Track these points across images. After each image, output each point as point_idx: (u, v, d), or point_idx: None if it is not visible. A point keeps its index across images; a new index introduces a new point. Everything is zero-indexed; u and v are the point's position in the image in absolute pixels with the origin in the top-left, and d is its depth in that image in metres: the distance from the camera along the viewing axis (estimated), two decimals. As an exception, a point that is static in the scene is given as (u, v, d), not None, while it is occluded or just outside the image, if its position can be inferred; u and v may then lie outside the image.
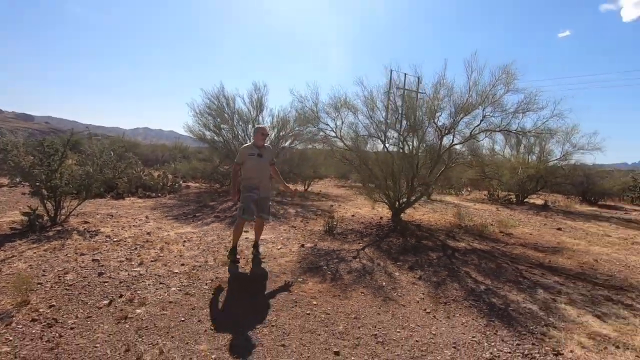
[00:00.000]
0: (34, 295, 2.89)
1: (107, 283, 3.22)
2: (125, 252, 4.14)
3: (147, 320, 2.62)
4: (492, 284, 3.88)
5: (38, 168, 5.17)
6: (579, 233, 7.14)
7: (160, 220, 6.14)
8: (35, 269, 3.44)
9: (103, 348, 2.23)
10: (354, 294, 3.40)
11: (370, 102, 6.83)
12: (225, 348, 2.33)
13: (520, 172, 10.48)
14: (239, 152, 4.23)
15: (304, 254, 4.57)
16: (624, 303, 3.53)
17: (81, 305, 2.78)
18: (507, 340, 2.67)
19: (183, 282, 3.38)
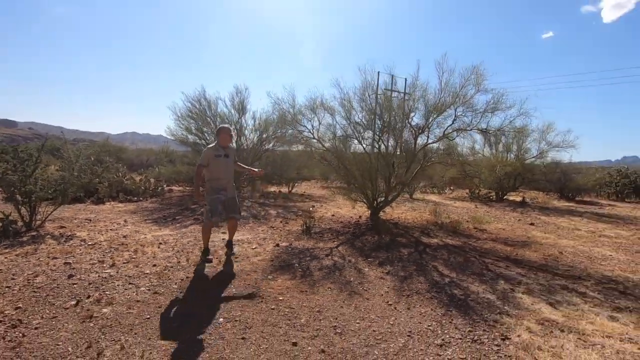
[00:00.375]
0: (1, 298, 2.93)
1: (77, 285, 3.27)
2: (98, 255, 4.19)
3: (112, 319, 2.68)
4: (457, 276, 4.03)
5: (11, 174, 5.17)
6: (550, 227, 7.39)
7: (139, 223, 6.17)
8: (4, 273, 3.47)
9: (65, 345, 2.30)
10: (321, 289, 3.51)
11: (346, 103, 6.98)
12: (187, 343, 2.42)
13: (498, 170, 10.75)
14: (204, 154, 4.22)
15: (277, 252, 4.67)
16: (578, 291, 3.71)
17: (48, 307, 2.83)
18: (460, 327, 2.81)
19: (153, 282, 3.44)
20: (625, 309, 3.29)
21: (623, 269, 4.65)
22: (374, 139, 6.79)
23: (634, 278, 4.26)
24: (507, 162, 11.00)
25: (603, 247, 5.81)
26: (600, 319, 3.03)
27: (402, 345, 2.52)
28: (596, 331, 2.81)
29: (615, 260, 5.03)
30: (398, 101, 6.95)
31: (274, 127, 9.67)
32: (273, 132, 9.98)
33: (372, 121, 6.99)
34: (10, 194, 5.13)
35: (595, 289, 3.81)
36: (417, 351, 2.45)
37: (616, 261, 5.00)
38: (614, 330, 2.83)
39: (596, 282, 4.01)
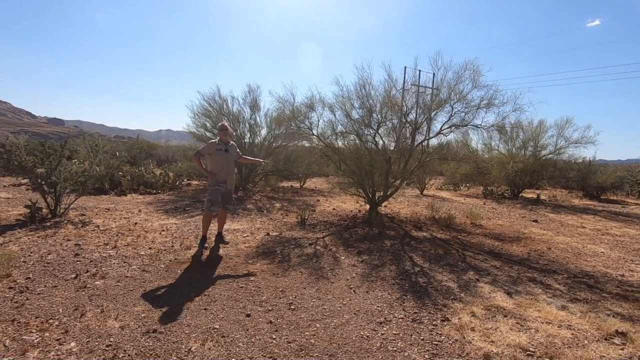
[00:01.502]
0: (17, 270, 3.47)
1: (80, 262, 3.78)
2: (105, 238, 4.72)
3: (101, 290, 3.14)
4: (429, 266, 4.22)
5: (39, 166, 5.85)
6: (553, 225, 7.28)
7: (151, 213, 6.74)
8: (24, 251, 4.05)
9: (57, 307, 2.76)
10: (292, 273, 3.82)
11: (346, 101, 7.21)
12: (157, 310, 2.81)
13: (510, 167, 10.55)
14: (205, 145, 4.71)
15: (265, 241, 5.03)
16: (544, 283, 3.80)
17: (52, 278, 3.33)
18: (408, 309, 3.03)
19: (145, 261, 3.90)
20: (583, 300, 3.37)
21: (607, 265, 4.63)
22: (372, 135, 6.96)
23: (612, 274, 4.25)
24: (519, 159, 10.75)
25: (599, 245, 5.72)
26: (549, 308, 3.14)
27: (345, 321, 2.80)
28: (539, 318, 2.94)
29: (604, 257, 4.99)
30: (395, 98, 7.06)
31: (285, 123, 10.04)
32: (286, 128, 10.35)
33: (370, 117, 7.18)
34: (38, 184, 5.82)
35: (564, 282, 3.87)
36: (356, 326, 2.71)
37: (604, 258, 4.96)
38: (557, 317, 2.95)
39: (568, 276, 4.06)
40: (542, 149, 11.66)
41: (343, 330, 2.65)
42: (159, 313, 2.75)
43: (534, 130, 11.95)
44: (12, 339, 2.29)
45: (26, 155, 5.83)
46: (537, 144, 11.82)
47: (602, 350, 2.47)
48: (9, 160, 5.83)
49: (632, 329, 2.78)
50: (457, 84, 6.29)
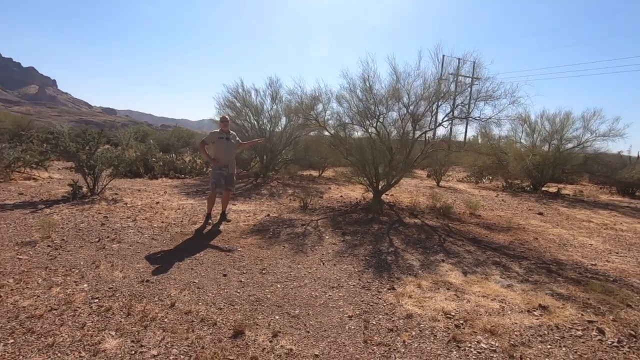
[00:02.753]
0: (55, 233, 4.32)
1: (104, 230, 4.58)
2: (129, 213, 5.55)
3: (116, 251, 3.88)
4: (404, 248, 4.60)
5: (81, 151, 6.84)
6: (557, 218, 7.26)
7: (174, 194, 7.59)
8: (64, 220, 4.93)
9: (79, 261, 3.52)
10: (276, 246, 4.39)
11: (352, 93, 7.58)
12: (154, 267, 3.49)
13: (529, 160, 10.36)
14: (209, 135, 5.41)
15: (263, 220, 5.64)
16: (506, 267, 4.07)
17: (80, 241, 4.13)
18: (363, 279, 3.49)
19: (155, 232, 4.64)
20: (533, 282, 3.63)
21: (585, 255, 4.75)
22: (375, 126, 7.30)
23: (585, 263, 4.40)
24: (536, 152, 10.51)
25: (593, 238, 5.75)
26: (494, 285, 3.46)
27: (303, 284, 3.31)
28: (478, 292, 3.28)
29: (588, 249, 5.08)
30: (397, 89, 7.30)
31: (293, 114, 10.56)
32: (302, 119, 10.90)
33: (375, 109, 7.50)
34: (80, 167, 6.81)
35: (527, 267, 4.11)
36: (310, 288, 3.23)
37: (588, 249, 5.05)
38: (495, 293, 3.28)
39: (535, 263, 4.28)
40: (567, 142, 11.29)
41: (298, 290, 3.18)
42: (154, 269, 3.43)
43: (561, 121, 11.57)
44: (43, 279, 3.04)
45: (70, 141, 6.83)
46: (562, 136, 11.45)
47: (518, 319, 2.80)
48: (57, 146, 6.88)
49: (558, 304, 3.06)
50: (459, 77, 6.44)
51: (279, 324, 2.57)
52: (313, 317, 2.71)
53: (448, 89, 6.72)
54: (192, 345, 2.24)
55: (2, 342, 2.14)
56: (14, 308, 2.54)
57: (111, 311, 2.58)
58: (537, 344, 2.45)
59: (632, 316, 2.94)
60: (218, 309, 2.73)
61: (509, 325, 2.70)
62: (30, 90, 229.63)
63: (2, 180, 7.69)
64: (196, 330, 2.41)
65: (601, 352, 2.40)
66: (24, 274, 3.11)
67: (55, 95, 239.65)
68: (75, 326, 2.36)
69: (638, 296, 3.41)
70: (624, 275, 4.02)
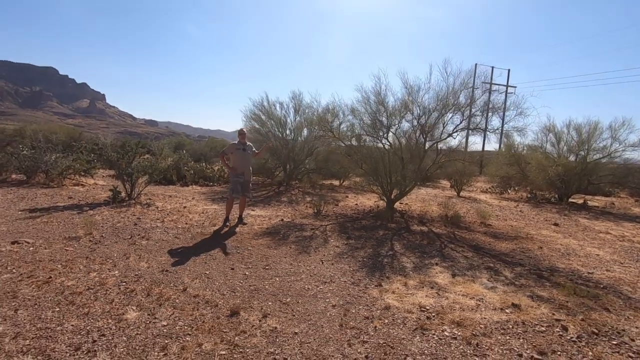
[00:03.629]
0: (96, 231, 5.03)
1: (136, 229, 5.25)
2: (159, 215, 6.24)
3: (144, 246, 4.50)
4: (402, 252, 4.90)
5: (121, 160, 7.71)
6: (572, 229, 7.19)
7: (201, 200, 8.29)
8: (104, 220, 5.68)
9: (113, 253, 4.15)
10: (283, 247, 4.84)
11: (367, 106, 7.98)
12: (173, 260, 4.05)
13: (552, 170, 10.19)
14: (228, 146, 6.03)
15: (276, 224, 6.12)
16: (497, 271, 4.26)
17: (115, 237, 4.80)
18: (355, 277, 3.85)
19: (179, 232, 5.25)
20: (518, 285, 3.82)
21: (585, 264, 4.81)
22: (383, 137, 7.64)
23: (582, 271, 4.49)
24: (559, 162, 10.29)
25: (602, 249, 5.72)
26: (477, 286, 3.70)
27: (300, 279, 3.73)
28: (459, 291, 3.55)
29: (592, 259, 5.11)
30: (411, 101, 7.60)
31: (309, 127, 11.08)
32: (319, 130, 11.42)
33: (388, 121, 7.84)
34: (119, 174, 7.67)
35: (519, 272, 4.28)
36: (305, 282, 3.64)
37: (592, 259, 5.08)
38: (476, 293, 3.52)
39: (528, 269, 4.43)
40: (595, 152, 10.98)
41: (293, 283, 3.60)
42: (174, 261, 3.99)
43: (588, 131, 11.28)
44: (84, 266, 3.67)
45: (112, 152, 7.72)
46: (589, 146, 11.15)
47: (488, 315, 3.05)
48: (101, 155, 7.79)
49: (533, 304, 3.27)
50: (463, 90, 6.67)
51: (270, 308, 3.00)
52: (301, 305, 3.11)
53: (456, 100, 6.94)
54: (195, 320, 2.72)
55: (51, 310, 2.73)
56: (60, 286, 3.15)
57: (134, 292, 3.13)
58: (497, 335, 2.71)
59: (603, 318, 3.10)
60: (221, 295, 3.21)
61: (478, 319, 2.97)
62: (82, 104, 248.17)
63: (55, 185, 8.75)
64: (200, 309, 2.90)
65: (557, 344, 2.63)
66: (69, 262, 3.76)
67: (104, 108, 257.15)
68: (105, 301, 2.93)
69: (622, 302, 3.53)
70: (618, 284, 4.09)
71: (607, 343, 2.68)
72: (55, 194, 7.71)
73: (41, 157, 9.13)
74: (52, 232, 4.83)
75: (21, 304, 2.80)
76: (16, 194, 7.32)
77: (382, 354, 2.42)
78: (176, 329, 2.57)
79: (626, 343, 2.69)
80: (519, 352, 2.50)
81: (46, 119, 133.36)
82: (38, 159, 9.04)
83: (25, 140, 12.54)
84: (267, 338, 2.54)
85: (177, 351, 2.30)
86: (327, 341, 2.55)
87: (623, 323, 3.05)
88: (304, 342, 2.52)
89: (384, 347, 2.50)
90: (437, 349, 2.51)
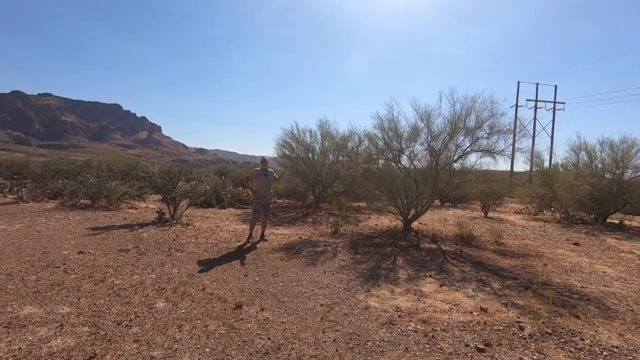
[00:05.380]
0: (142, 245, 6.04)
1: (174, 243, 6.20)
2: (194, 233, 7.20)
3: (177, 257, 5.39)
4: (403, 266, 5.35)
5: (166, 186, 8.92)
6: (592, 249, 7.11)
7: (233, 221, 9.23)
8: (149, 236, 6.72)
9: (153, 262, 5.06)
10: (294, 260, 5.50)
11: (382, 131, 8.59)
12: (199, 267, 4.86)
13: (583, 189, 9.96)
14: (252, 171, 6.90)
15: (294, 241, 6.81)
16: (487, 283, 4.58)
17: (157, 250, 5.76)
18: (350, 285, 4.39)
19: (208, 246, 6.11)
20: (499, 295, 4.14)
21: (584, 280, 4.93)
22: (396, 160, 8.15)
23: (575, 286, 4.65)
24: (589, 181, 10.01)
25: (614, 267, 5.72)
26: (458, 295, 4.08)
27: (300, 284, 4.36)
28: (439, 298, 3.97)
29: (595, 276, 5.19)
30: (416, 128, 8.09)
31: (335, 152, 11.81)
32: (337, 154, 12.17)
33: (400, 144, 8.37)
34: (165, 198, 8.86)
35: (508, 285, 4.56)
36: (303, 287, 4.25)
37: (595, 276, 5.17)
38: (454, 299, 3.92)
39: (520, 283, 4.68)
40: (631, 170, 10.57)
41: (294, 288, 4.23)
42: (199, 269, 4.80)
43: (624, 148, 10.91)
44: (129, 271, 4.59)
45: (159, 179, 8.98)
46: (625, 164, 10.75)
47: (455, 316, 3.47)
48: (150, 182, 9.08)
49: (503, 309, 3.62)
50: (468, 116, 7.09)
51: (267, 305, 3.66)
52: (294, 303, 3.74)
53: (465, 124, 7.35)
54: (207, 310, 3.45)
55: (103, 299, 3.60)
56: (111, 284, 4.06)
57: (165, 289, 3.95)
58: (454, 331, 3.14)
59: (567, 322, 3.38)
60: (232, 294, 3.93)
61: (444, 319, 3.40)
62: (141, 135, 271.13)
63: (114, 208, 10.20)
64: (212, 303, 3.63)
65: (506, 339, 3.00)
66: (119, 267, 4.71)
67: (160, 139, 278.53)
68: (142, 295, 3.76)
69: (598, 311, 3.74)
70: (606, 297, 4.24)
71: (556, 341, 3.00)
72: (113, 215, 9.05)
73: (104, 184, 10.71)
74: (108, 245, 5.90)
75: (83, 294, 3.71)
76: (83, 216, 8.73)
77: (348, 339, 2.97)
78: (191, 315, 3.31)
79: (574, 342, 2.99)
80: (467, 343, 2.92)
81: (110, 150, 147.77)
82: (101, 186, 10.62)
83: (92, 170, 14.57)
84: (259, 324, 3.19)
85: (189, 329, 3.03)
86: (306, 329, 3.15)
87: (585, 328, 3.31)
88: (287, 329, 3.13)
89: (351, 334, 3.05)
90: (396, 338, 3.01)
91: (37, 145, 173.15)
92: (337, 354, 2.73)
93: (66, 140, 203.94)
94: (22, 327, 2.92)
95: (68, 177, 14.07)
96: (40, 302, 3.47)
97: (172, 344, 2.76)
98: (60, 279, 4.15)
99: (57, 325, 2.98)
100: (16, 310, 3.25)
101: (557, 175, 10.94)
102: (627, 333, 3.25)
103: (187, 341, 2.82)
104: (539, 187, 11.69)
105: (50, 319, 3.10)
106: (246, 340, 2.88)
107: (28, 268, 4.49)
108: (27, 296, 3.59)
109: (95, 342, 2.73)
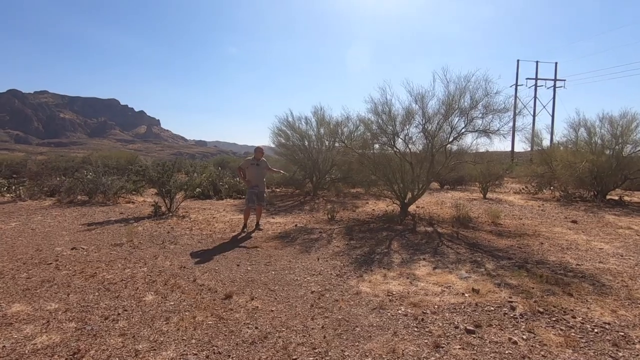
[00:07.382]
0: (136, 238, 6.02)
1: (168, 236, 6.18)
2: (189, 225, 7.18)
3: (171, 249, 5.36)
4: (397, 250, 5.31)
5: (160, 179, 8.87)
6: (589, 226, 7.06)
7: (230, 211, 9.20)
8: (144, 229, 6.70)
9: (146, 255, 5.04)
10: (288, 248, 5.47)
11: (375, 115, 8.47)
12: (192, 259, 4.84)
13: (582, 166, 9.84)
14: (244, 161, 6.83)
15: (289, 229, 6.78)
16: (481, 264, 4.54)
17: (150, 243, 5.74)
18: (342, 271, 4.36)
19: (202, 238, 6.09)
20: (493, 276, 4.10)
21: (580, 258, 4.89)
22: (391, 144, 8.05)
23: (570, 264, 4.61)
24: (587, 157, 9.88)
25: (611, 243, 5.67)
26: (451, 277, 4.05)
27: (292, 272, 4.33)
28: (431, 280, 3.93)
29: (591, 253, 5.15)
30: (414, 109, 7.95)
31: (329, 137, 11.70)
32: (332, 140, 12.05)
33: (393, 128, 8.25)
34: (160, 191, 8.82)
35: (502, 265, 4.52)
36: (295, 275, 4.23)
37: (591, 253, 5.13)
38: (446, 281, 3.89)
39: (515, 262, 4.64)
40: (630, 146, 10.43)
41: (285, 276, 4.20)
42: (192, 260, 4.78)
43: (624, 124, 10.75)
44: (121, 264, 4.57)
45: (152, 172, 8.92)
46: (625, 139, 10.61)
47: (446, 298, 3.43)
48: (144, 175, 9.02)
49: (496, 289, 3.58)
50: (462, 96, 6.95)
51: (258, 294, 3.63)
52: (285, 292, 3.71)
53: (459, 105, 7.21)
54: (196, 301, 3.42)
55: (92, 294, 3.58)
56: (101, 279, 4.04)
57: (155, 282, 3.93)
58: (445, 313, 3.11)
59: (560, 301, 3.34)
60: (222, 284, 3.91)
61: (435, 301, 3.37)
62: (140, 130, 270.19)
63: (111, 204, 10.18)
64: (202, 294, 3.61)
65: (497, 320, 2.97)
66: (111, 262, 4.69)
67: (159, 132, 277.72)
68: (132, 288, 3.74)
69: (592, 289, 3.70)
70: (602, 274, 4.20)
71: (547, 320, 2.97)
72: (110, 210, 9.04)
73: (100, 180, 10.67)
74: (102, 240, 5.88)
75: (72, 290, 3.69)
76: (79, 212, 8.71)
77: (337, 325, 2.94)
78: (179, 307, 3.29)
79: (566, 320, 2.96)
80: (457, 325, 2.89)
81: (110, 146, 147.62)
82: (97, 182, 10.58)
83: (90, 166, 14.53)
84: (247, 314, 3.17)
85: (177, 321, 3.01)
86: (295, 316, 3.12)
87: (578, 305, 3.27)
88: (276, 317, 3.11)
89: (340, 320, 3.02)
90: (385, 322, 2.98)
91: (37, 143, 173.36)
92: (325, 340, 2.70)
93: (66, 137, 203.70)
94: (8, 325, 2.90)
95: (66, 174, 14.04)
96: (29, 299, 3.45)
97: (158, 337, 2.74)
98: (51, 275, 4.13)
99: (43, 322, 2.96)
100: (4, 308, 3.23)
101: (556, 154, 10.80)
102: (620, 309, 3.21)
103: (174, 333, 2.80)
104: (539, 166, 11.56)
105: (38, 316, 3.08)
106: (233, 330, 2.85)
107: (20, 266, 4.47)
108: (16, 294, 3.57)
109: (81, 338, 2.71)
